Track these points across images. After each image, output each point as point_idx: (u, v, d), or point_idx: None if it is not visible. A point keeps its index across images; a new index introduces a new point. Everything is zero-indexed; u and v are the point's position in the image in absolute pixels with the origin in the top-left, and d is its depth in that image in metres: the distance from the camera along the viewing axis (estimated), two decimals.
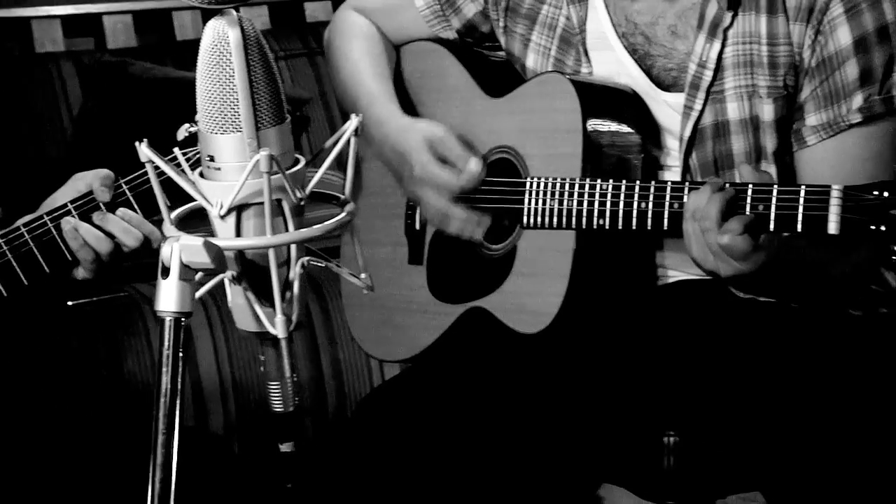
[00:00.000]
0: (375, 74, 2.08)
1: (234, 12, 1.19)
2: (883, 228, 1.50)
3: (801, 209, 1.57)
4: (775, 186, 1.59)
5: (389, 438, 1.86)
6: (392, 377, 2.08)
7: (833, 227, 1.55)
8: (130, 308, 2.76)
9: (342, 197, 1.27)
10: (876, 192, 1.51)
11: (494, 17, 2.03)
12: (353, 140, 1.24)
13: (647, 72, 1.89)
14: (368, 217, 2.11)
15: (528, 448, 1.88)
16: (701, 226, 1.61)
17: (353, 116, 1.25)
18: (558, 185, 1.81)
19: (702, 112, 1.84)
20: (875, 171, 1.79)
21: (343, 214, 1.24)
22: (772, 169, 1.84)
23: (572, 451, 1.91)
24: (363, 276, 1.30)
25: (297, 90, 3.49)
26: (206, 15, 1.21)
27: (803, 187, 1.57)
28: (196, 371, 2.70)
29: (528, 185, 1.85)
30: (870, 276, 1.89)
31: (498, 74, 2.04)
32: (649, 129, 1.87)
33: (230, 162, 1.20)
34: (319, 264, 1.27)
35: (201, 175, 1.23)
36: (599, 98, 1.86)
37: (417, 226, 2.07)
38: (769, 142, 1.84)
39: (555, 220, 1.81)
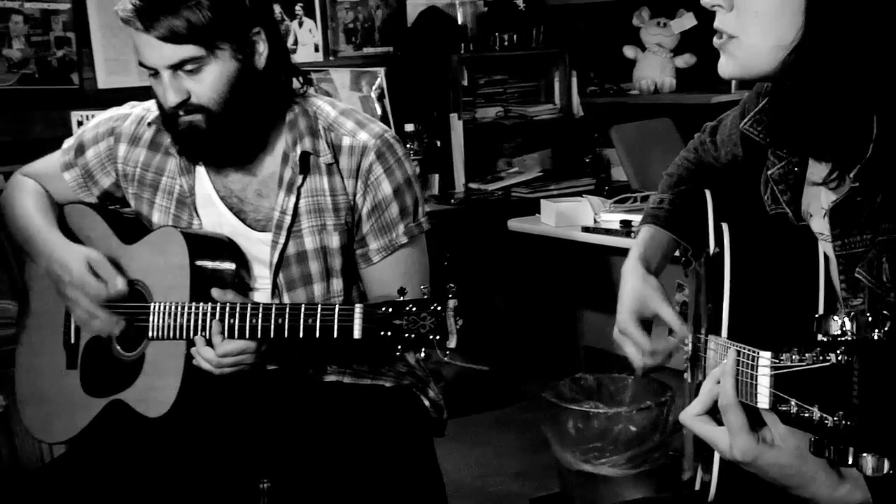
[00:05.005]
0: (42, 215, 1.96)
1: None
2: (389, 334, 1.55)
3: (336, 321, 1.60)
4: (319, 306, 1.62)
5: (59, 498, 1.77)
6: (59, 455, 1.98)
7: (357, 334, 1.59)
8: None
9: None
10: (384, 308, 1.56)
11: (125, 186, 1.98)
12: None
13: (244, 221, 1.88)
14: (37, 332, 2.00)
15: (165, 499, 1.81)
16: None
17: None
18: (173, 307, 1.76)
19: (285, 245, 1.85)
20: (421, 273, 1.87)
21: None
22: (339, 282, 1.88)
23: (197, 500, 1.85)
24: None
25: None
26: None
27: (337, 306, 1.61)
28: None
29: (152, 308, 1.80)
30: (396, 358, 1.94)
31: (130, 227, 1.98)
32: (241, 262, 1.87)
33: None
34: None
35: None
36: (202, 243, 1.85)
37: (72, 340, 1.96)
38: (336, 263, 1.87)
39: (171, 333, 1.77)
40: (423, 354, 1.55)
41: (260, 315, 1.67)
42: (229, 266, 1.83)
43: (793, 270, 1.27)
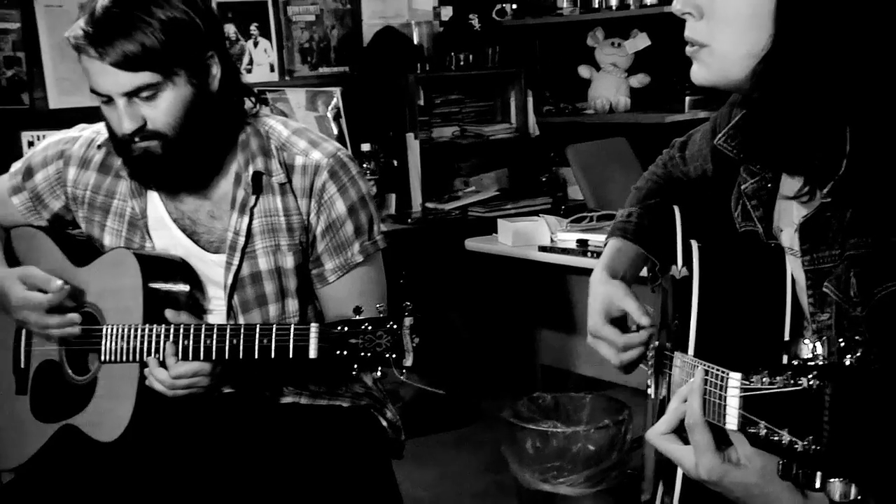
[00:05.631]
0: None
1: None
2: (345, 353, 1.52)
3: (291, 341, 1.57)
4: (274, 326, 1.59)
5: None
6: (7, 482, 1.92)
7: (313, 354, 1.57)
8: None
9: None
10: (340, 328, 1.54)
11: (75, 209, 1.93)
12: None
13: (197, 242, 1.85)
14: None
15: None
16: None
17: None
18: (126, 330, 1.72)
19: (239, 266, 1.81)
20: (377, 291, 1.84)
21: None
22: (295, 302, 1.84)
23: None
24: None
25: None
26: None
27: (293, 326, 1.58)
28: None
29: (104, 331, 1.76)
30: (353, 380, 1.92)
31: (82, 249, 1.92)
32: (195, 284, 1.83)
33: None
34: None
35: None
36: (155, 265, 1.81)
37: (22, 364, 1.91)
38: (291, 283, 1.83)
39: (124, 356, 1.73)
40: (379, 374, 1.52)
41: (214, 336, 1.64)
42: (183, 288, 1.79)
43: (760, 289, 1.26)
